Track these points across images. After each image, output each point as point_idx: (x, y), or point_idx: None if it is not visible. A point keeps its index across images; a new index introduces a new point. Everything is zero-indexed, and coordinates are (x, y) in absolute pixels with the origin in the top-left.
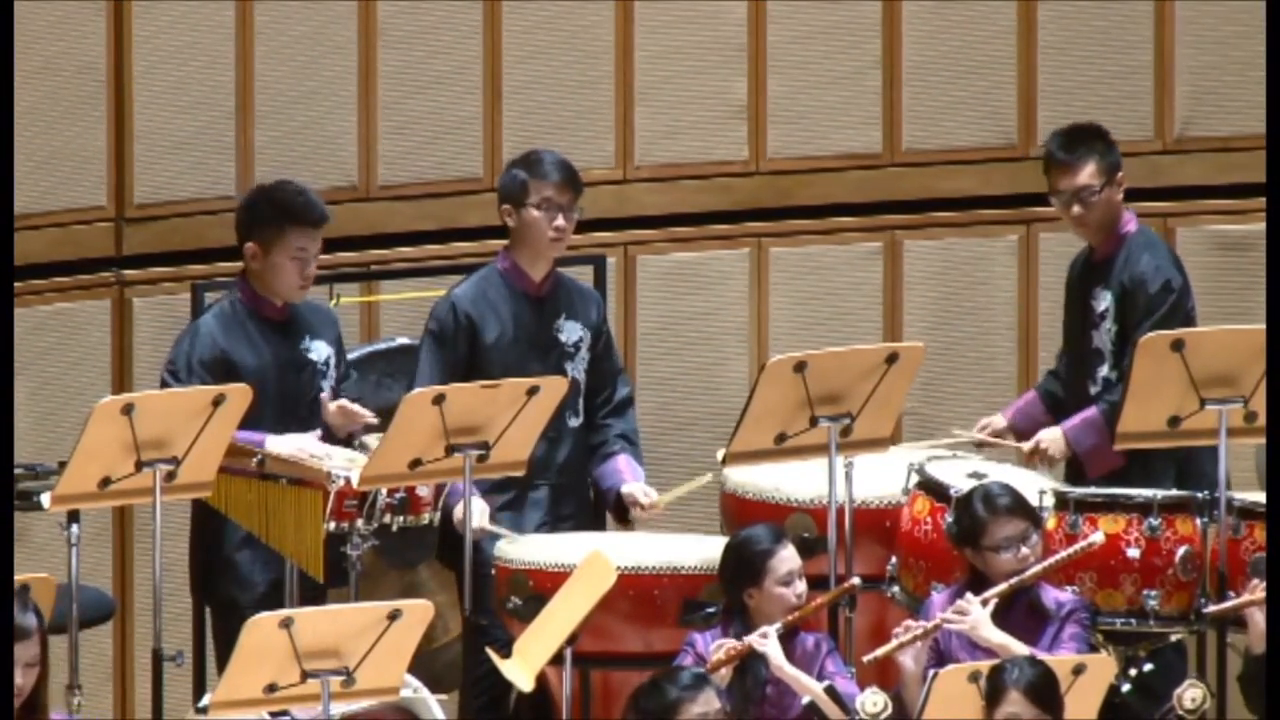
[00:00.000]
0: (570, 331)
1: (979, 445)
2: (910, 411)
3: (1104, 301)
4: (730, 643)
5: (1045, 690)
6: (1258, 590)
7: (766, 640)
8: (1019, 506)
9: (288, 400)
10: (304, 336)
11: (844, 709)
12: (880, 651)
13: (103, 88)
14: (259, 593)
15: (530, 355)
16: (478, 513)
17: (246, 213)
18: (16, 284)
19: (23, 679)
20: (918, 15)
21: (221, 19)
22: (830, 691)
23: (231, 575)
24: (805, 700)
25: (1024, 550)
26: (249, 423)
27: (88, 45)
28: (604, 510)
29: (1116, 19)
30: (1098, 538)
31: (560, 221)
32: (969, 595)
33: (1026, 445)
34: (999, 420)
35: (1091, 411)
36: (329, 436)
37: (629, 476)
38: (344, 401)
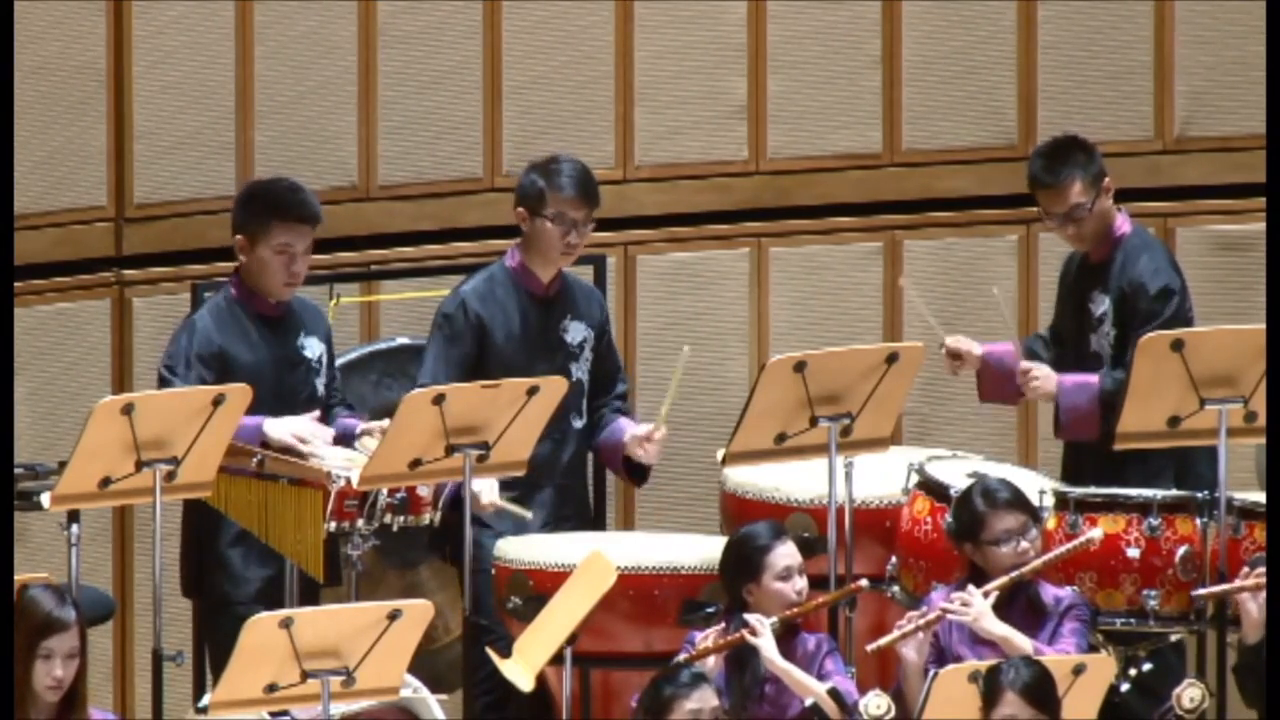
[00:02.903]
0: (575, 333)
1: (947, 352)
2: (910, 411)
3: (1102, 305)
4: (719, 628)
5: (1042, 691)
6: (1251, 577)
7: (760, 632)
8: (1017, 500)
9: (283, 396)
10: (298, 333)
11: (845, 710)
12: (883, 641)
13: (102, 87)
14: (252, 590)
15: (536, 356)
16: (488, 487)
17: (239, 205)
18: (16, 284)
19: (63, 671)
20: (917, 15)
21: (221, 18)
22: (833, 694)
23: (224, 573)
24: (809, 702)
25: (1023, 544)
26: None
27: (87, 45)
28: (604, 510)
29: (1116, 18)
30: (1096, 533)
31: (573, 237)
32: (971, 587)
33: (1023, 364)
34: (975, 347)
35: (1092, 377)
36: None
37: (629, 428)
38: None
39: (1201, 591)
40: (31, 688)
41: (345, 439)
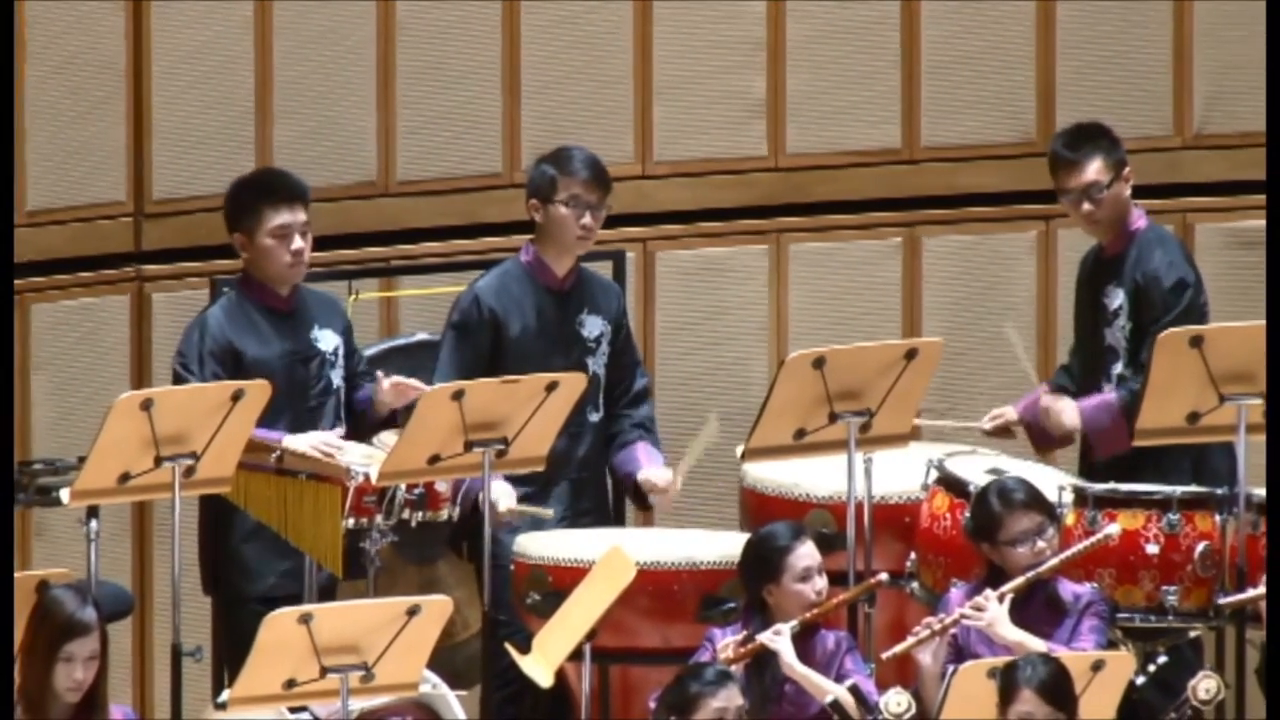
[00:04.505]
0: (592, 326)
1: (987, 434)
2: (929, 408)
3: (1117, 299)
4: (738, 638)
5: (1058, 688)
6: None
7: (779, 638)
8: (1034, 500)
9: (296, 391)
10: (312, 326)
11: (865, 708)
12: (899, 648)
13: (122, 84)
14: (267, 585)
15: (552, 350)
16: (505, 494)
17: (227, 205)
18: (37, 279)
19: (83, 674)
20: (936, 11)
21: (240, 16)
22: (854, 691)
23: (239, 568)
24: (828, 699)
25: (1040, 544)
26: (260, 415)
27: (107, 42)
28: (623, 505)
29: (1134, 14)
30: (1114, 529)
31: (588, 220)
32: (987, 591)
33: (1043, 401)
34: (1010, 412)
35: (1110, 395)
36: (352, 436)
37: (646, 463)
38: (397, 377)
39: (1227, 600)
40: (52, 688)
41: (365, 405)
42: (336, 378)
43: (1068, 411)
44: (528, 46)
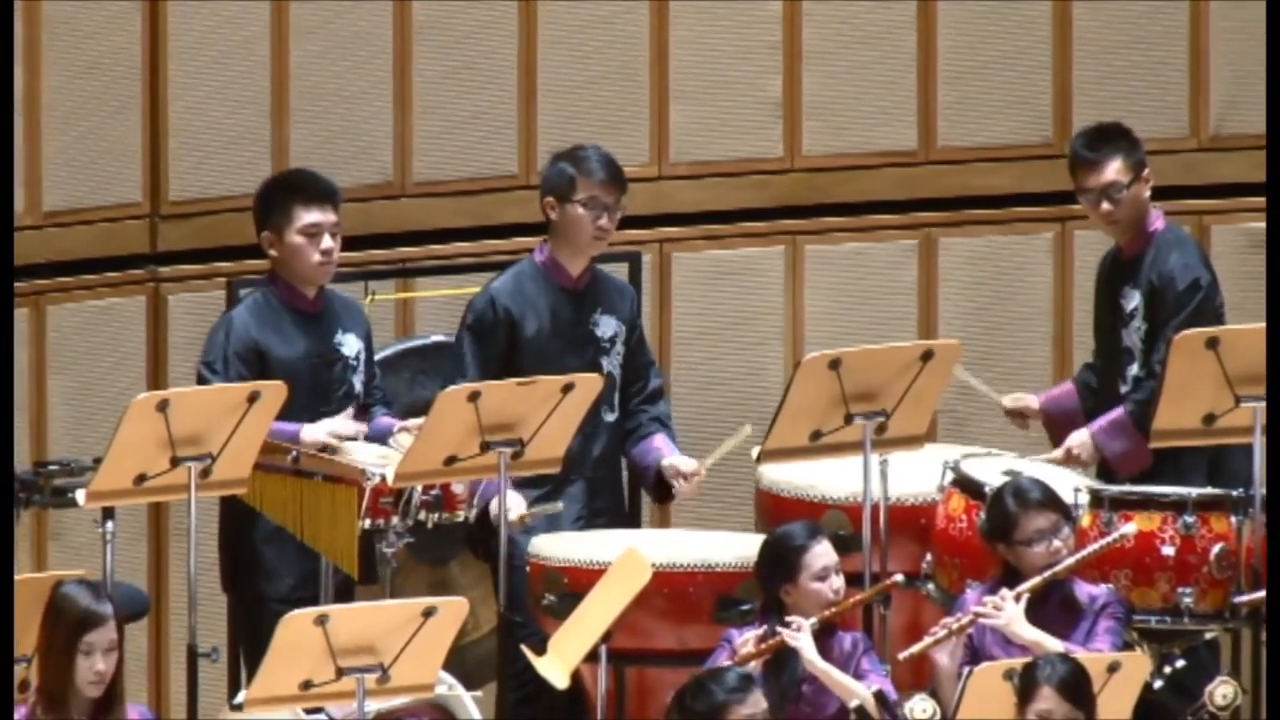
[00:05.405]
0: (606, 326)
1: (1006, 411)
2: (945, 409)
3: (1133, 300)
4: (759, 633)
5: (1078, 687)
6: None
7: (799, 634)
8: (1049, 500)
9: (319, 392)
10: (336, 330)
11: (887, 710)
12: (915, 648)
13: (138, 85)
14: (286, 587)
15: (567, 350)
16: (515, 504)
17: (258, 203)
18: (59, 279)
19: (104, 664)
20: (953, 13)
21: (257, 18)
22: (879, 696)
23: (259, 569)
24: (853, 704)
25: (1055, 543)
26: (280, 414)
27: (125, 45)
28: (638, 505)
29: (1151, 16)
30: (1130, 528)
31: (604, 221)
32: (1004, 591)
33: (1058, 452)
34: (1032, 401)
35: (1118, 413)
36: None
37: (667, 452)
38: (412, 423)
39: (1242, 599)
40: (73, 684)
41: (381, 438)
42: (358, 382)
43: (1086, 448)
44: (544, 49)
